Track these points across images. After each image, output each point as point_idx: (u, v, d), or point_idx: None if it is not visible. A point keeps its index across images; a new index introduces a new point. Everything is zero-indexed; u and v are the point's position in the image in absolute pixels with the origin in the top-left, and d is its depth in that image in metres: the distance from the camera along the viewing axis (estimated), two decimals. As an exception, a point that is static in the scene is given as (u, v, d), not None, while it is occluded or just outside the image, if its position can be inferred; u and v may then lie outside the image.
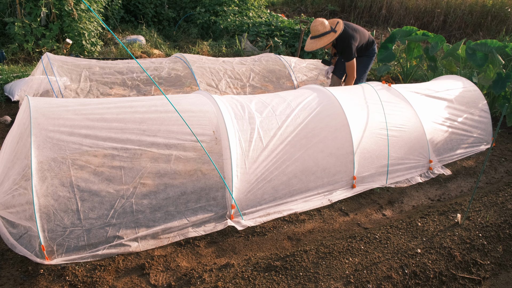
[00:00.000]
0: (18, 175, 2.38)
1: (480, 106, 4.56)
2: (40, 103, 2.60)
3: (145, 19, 8.88)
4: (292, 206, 3.08)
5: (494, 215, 3.18)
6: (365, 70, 4.88)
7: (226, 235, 2.77)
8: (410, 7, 12.45)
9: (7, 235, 2.38)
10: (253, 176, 2.93)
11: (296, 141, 3.15)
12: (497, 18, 11.37)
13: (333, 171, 3.32)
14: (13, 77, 5.01)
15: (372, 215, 3.22)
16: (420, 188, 3.67)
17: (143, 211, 2.61)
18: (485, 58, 5.28)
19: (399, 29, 6.33)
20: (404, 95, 3.99)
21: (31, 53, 6.18)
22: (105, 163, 2.57)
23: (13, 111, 4.48)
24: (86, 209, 2.45)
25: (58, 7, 6.19)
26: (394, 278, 2.45)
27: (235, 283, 2.29)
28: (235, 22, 8.61)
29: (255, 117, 3.10)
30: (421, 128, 3.85)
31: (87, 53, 6.49)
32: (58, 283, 2.21)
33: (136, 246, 2.50)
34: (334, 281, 2.37)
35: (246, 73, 5.36)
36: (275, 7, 13.40)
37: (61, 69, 4.47)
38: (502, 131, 5.21)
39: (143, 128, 2.72)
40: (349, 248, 2.66)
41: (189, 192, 2.78)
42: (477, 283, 2.56)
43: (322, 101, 3.48)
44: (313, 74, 5.71)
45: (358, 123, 3.49)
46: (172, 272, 2.39)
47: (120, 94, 4.58)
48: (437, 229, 2.96)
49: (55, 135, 2.45)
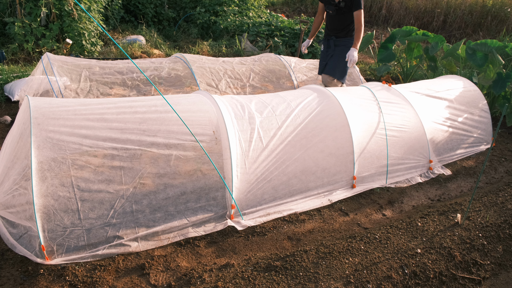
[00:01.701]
0: (18, 175, 2.38)
1: (480, 106, 4.56)
2: (40, 103, 2.60)
3: (145, 19, 8.88)
4: (292, 206, 3.08)
5: (494, 215, 3.18)
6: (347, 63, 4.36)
7: (226, 235, 2.77)
8: (410, 7, 12.45)
9: (7, 235, 2.38)
10: (253, 176, 2.93)
11: (296, 141, 3.15)
12: (497, 18, 11.36)
13: (333, 171, 3.32)
14: (13, 77, 5.01)
15: (372, 215, 3.22)
16: (420, 188, 3.67)
17: (143, 211, 2.61)
18: (485, 58, 5.28)
19: (399, 29, 6.34)
20: (404, 95, 3.99)
21: (31, 53, 6.18)
22: (105, 163, 2.57)
23: (13, 111, 4.48)
24: (86, 209, 2.45)
25: (58, 7, 6.19)
26: (394, 278, 2.45)
27: (235, 283, 2.29)
28: (235, 22, 8.61)
29: (255, 117, 3.10)
30: (421, 128, 3.85)
31: (87, 53, 6.49)
32: (58, 283, 2.21)
33: (136, 246, 2.50)
34: (334, 281, 2.37)
35: (246, 73, 5.36)
36: (275, 7, 13.40)
37: (61, 69, 4.47)
38: (502, 131, 5.21)
39: (143, 128, 2.72)
40: (349, 248, 2.66)
41: (189, 192, 2.78)
42: (477, 283, 2.56)
43: (322, 101, 3.49)
44: (313, 74, 5.71)
45: (358, 123, 3.49)
46: (172, 272, 2.39)
47: (120, 94, 4.58)
48: (437, 229, 2.96)
49: (55, 135, 2.45)
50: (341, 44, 4.47)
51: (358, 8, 4.23)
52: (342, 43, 4.47)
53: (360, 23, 4.24)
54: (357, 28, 4.28)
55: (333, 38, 4.51)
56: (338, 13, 4.38)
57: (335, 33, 4.50)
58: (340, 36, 4.48)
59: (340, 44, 4.48)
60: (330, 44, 4.54)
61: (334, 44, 4.51)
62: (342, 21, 4.41)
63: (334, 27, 4.49)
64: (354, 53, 4.21)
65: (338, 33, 4.48)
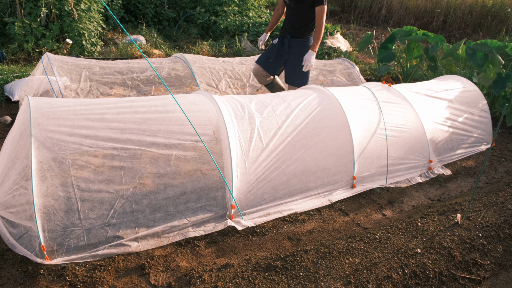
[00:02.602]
0: (18, 175, 2.38)
1: (480, 106, 4.56)
2: (40, 103, 2.60)
3: (145, 19, 8.87)
4: (292, 206, 3.08)
5: (494, 215, 3.18)
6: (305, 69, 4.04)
7: (226, 235, 2.77)
8: (410, 7, 12.45)
9: (7, 235, 2.38)
10: (253, 176, 2.93)
11: (296, 141, 3.15)
12: (497, 18, 11.36)
13: (333, 171, 3.32)
14: (13, 77, 5.01)
15: (372, 215, 3.22)
16: (420, 188, 3.67)
17: (143, 211, 2.61)
18: (485, 58, 5.28)
19: (399, 29, 6.34)
20: (404, 95, 3.99)
21: (31, 53, 6.18)
22: (105, 163, 2.57)
23: (13, 111, 4.48)
24: (86, 209, 2.45)
25: (58, 7, 6.19)
26: (394, 278, 2.45)
27: (235, 283, 2.29)
28: (235, 22, 8.61)
29: (255, 117, 3.10)
30: (421, 128, 3.85)
31: (87, 53, 6.49)
32: (58, 283, 2.21)
33: (136, 246, 2.50)
34: (334, 281, 2.37)
35: (246, 73, 5.36)
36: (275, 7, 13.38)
37: (61, 69, 4.47)
38: (502, 131, 5.21)
39: (143, 128, 2.72)
40: (349, 248, 2.66)
41: (189, 192, 2.78)
42: (477, 283, 2.56)
43: (322, 101, 3.49)
44: (313, 74, 5.71)
45: (359, 123, 3.49)
46: (172, 272, 2.39)
47: (120, 94, 4.58)
48: (437, 229, 2.96)
49: (55, 135, 2.45)
50: (295, 46, 4.11)
51: (320, 3, 3.82)
52: (296, 45, 4.11)
53: (322, 20, 3.86)
54: (318, 26, 3.90)
55: (288, 37, 4.11)
56: (297, 5, 3.96)
57: (291, 31, 4.09)
58: (296, 36, 4.09)
59: (294, 45, 4.11)
60: (285, 43, 4.13)
61: (289, 44, 4.12)
62: (300, 17, 4.00)
63: (292, 22, 4.07)
64: (311, 58, 3.91)
65: (294, 32, 4.08)
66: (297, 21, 4.04)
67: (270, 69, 4.30)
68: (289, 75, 4.26)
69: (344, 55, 7.66)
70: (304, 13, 3.97)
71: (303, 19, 4.01)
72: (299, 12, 3.98)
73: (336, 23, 12.19)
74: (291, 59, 4.18)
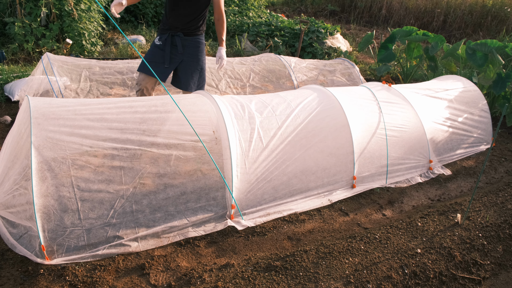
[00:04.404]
0: (18, 175, 2.38)
1: (480, 106, 4.56)
2: (40, 103, 2.60)
3: (145, 19, 8.88)
4: (292, 206, 3.08)
5: (494, 215, 3.18)
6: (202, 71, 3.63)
7: (226, 235, 2.77)
8: (410, 7, 12.46)
9: (7, 235, 2.38)
10: (253, 176, 2.93)
11: (296, 141, 3.15)
12: (497, 18, 11.37)
13: (333, 171, 3.32)
14: (13, 77, 5.01)
15: (372, 215, 3.22)
16: (420, 188, 3.67)
17: (143, 211, 2.61)
18: (485, 58, 5.28)
19: (399, 29, 6.34)
20: (404, 95, 3.99)
21: (31, 53, 6.18)
22: (105, 163, 2.57)
23: (13, 111, 4.48)
24: (86, 209, 2.45)
25: (58, 7, 6.19)
26: (394, 278, 2.45)
27: (235, 283, 2.29)
28: (235, 22, 8.61)
29: (255, 117, 3.10)
30: (421, 128, 3.85)
31: (87, 53, 6.49)
32: (58, 283, 2.21)
33: (136, 246, 2.50)
34: (334, 281, 2.37)
35: (246, 73, 5.36)
36: (275, 7, 13.40)
37: (61, 69, 4.47)
38: (502, 131, 5.21)
39: (143, 128, 2.72)
40: (349, 248, 2.66)
41: (189, 192, 2.78)
42: (477, 283, 2.56)
43: (322, 101, 3.49)
44: (313, 74, 5.71)
45: (359, 123, 3.49)
46: (172, 272, 2.39)
47: (120, 94, 4.58)
48: (437, 229, 2.96)
49: (55, 135, 2.45)
50: (190, 46, 3.56)
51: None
52: (191, 44, 3.57)
53: (222, 11, 3.48)
54: (219, 18, 3.49)
55: (180, 35, 3.50)
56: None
57: (183, 26, 3.49)
58: (189, 34, 3.53)
59: (189, 45, 3.55)
60: (177, 42, 3.50)
61: (182, 44, 3.52)
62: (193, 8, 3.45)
63: (184, 15, 3.45)
64: (223, 54, 3.58)
65: (187, 28, 3.51)
66: (190, 14, 3.46)
67: (163, 78, 3.54)
68: (186, 80, 3.60)
69: (344, 55, 7.67)
70: (196, 4, 3.46)
71: (196, 11, 3.48)
72: (191, 3, 3.43)
73: (336, 23, 12.20)
74: (185, 61, 3.56)
